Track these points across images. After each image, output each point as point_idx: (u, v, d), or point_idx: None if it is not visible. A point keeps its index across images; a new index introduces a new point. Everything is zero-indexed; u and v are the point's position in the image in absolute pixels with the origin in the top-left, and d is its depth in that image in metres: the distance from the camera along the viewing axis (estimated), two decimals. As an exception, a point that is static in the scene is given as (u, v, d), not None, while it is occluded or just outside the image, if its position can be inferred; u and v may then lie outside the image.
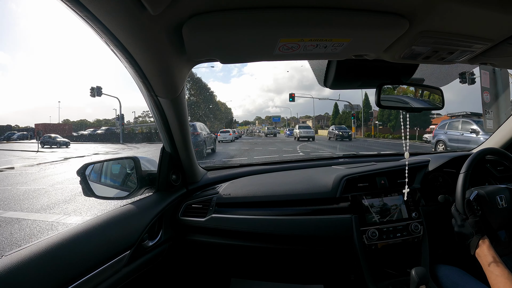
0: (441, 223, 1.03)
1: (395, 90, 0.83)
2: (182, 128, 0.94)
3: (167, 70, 0.68)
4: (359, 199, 1.04)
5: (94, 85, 17.57)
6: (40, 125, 31.99)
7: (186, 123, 0.95)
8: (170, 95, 0.80)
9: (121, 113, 20.06)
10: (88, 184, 0.95)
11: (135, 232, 0.84)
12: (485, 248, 0.76)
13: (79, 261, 0.66)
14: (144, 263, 0.87)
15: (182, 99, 0.85)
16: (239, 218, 1.03)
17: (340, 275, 1.21)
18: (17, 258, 0.57)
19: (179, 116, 0.89)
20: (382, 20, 0.51)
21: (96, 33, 0.50)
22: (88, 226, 0.74)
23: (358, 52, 0.65)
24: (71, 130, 38.86)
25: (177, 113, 0.88)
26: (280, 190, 1.08)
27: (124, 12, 0.45)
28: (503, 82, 7.40)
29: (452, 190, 0.93)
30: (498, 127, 1.37)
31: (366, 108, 29.83)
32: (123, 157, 1.08)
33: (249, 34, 0.53)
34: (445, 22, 0.53)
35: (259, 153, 11.11)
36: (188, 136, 1.00)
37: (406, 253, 1.06)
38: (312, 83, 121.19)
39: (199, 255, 1.20)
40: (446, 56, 0.66)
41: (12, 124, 40.64)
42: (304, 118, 63.59)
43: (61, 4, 0.42)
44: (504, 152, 1.00)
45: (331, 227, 1.02)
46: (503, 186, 0.95)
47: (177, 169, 1.07)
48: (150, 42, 0.55)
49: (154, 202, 0.98)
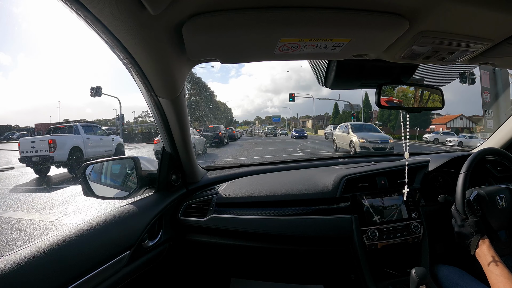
0: (441, 223, 1.03)
1: (395, 90, 0.83)
2: (182, 128, 0.94)
3: (167, 70, 0.68)
4: (359, 199, 1.04)
5: (94, 85, 17.58)
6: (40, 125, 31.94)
7: (186, 123, 0.94)
8: (170, 95, 0.80)
9: (121, 113, 20.01)
10: (88, 184, 0.95)
11: (135, 232, 0.84)
12: (485, 248, 0.76)
13: (79, 261, 0.66)
14: (144, 263, 0.86)
15: (182, 99, 0.85)
16: (239, 218, 1.03)
17: (340, 275, 1.21)
18: (17, 258, 0.57)
19: (179, 116, 0.89)
20: (382, 20, 0.51)
21: (96, 33, 0.50)
22: (88, 226, 0.74)
23: (358, 52, 0.65)
24: (71, 130, 38.75)
25: (177, 113, 0.88)
26: (280, 190, 1.08)
27: (124, 12, 0.45)
28: (503, 82, 7.41)
29: (452, 190, 0.93)
30: (498, 127, 1.37)
31: (366, 108, 29.83)
32: (123, 157, 1.08)
33: (249, 34, 0.53)
34: (445, 22, 0.53)
35: (259, 153, 11.11)
36: (188, 136, 1.00)
37: (406, 253, 1.06)
38: (310, 83, 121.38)
39: (199, 255, 1.20)
40: (446, 56, 0.66)
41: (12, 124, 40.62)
42: (304, 118, 63.54)
43: (61, 4, 0.42)
44: (504, 152, 1.00)
45: (331, 227, 1.02)
46: (503, 186, 0.95)
47: (177, 169, 1.07)
48: (150, 42, 0.55)
49: (154, 202, 0.98)
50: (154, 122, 0.96)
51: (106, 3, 0.43)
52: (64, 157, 6.91)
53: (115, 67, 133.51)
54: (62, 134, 7.78)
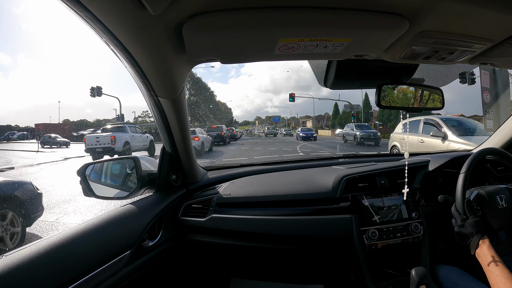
0: (441, 223, 1.03)
1: (395, 90, 0.83)
2: (182, 128, 0.94)
3: (167, 70, 0.68)
4: (359, 199, 1.04)
5: (94, 85, 17.58)
6: (40, 125, 31.95)
7: (186, 123, 0.94)
8: (170, 95, 0.80)
9: (121, 113, 20.00)
10: (88, 184, 0.95)
11: (135, 232, 0.84)
12: (485, 248, 0.76)
13: (79, 261, 0.66)
14: (144, 263, 0.86)
15: (182, 99, 0.85)
16: (239, 218, 1.03)
17: (340, 275, 1.21)
18: (17, 258, 0.57)
19: (179, 116, 0.89)
20: (382, 20, 0.51)
21: (96, 33, 0.50)
22: (88, 226, 0.74)
23: (358, 52, 0.65)
24: (71, 130, 38.81)
25: (177, 113, 0.88)
26: (280, 190, 1.08)
27: (124, 12, 0.45)
28: (503, 82, 7.40)
29: (452, 190, 0.93)
30: (498, 127, 1.37)
31: (366, 108, 29.85)
32: (123, 157, 1.08)
33: (249, 34, 0.53)
34: (445, 22, 0.53)
35: (259, 153, 11.12)
36: (188, 136, 1.00)
37: (406, 253, 1.06)
38: (309, 83, 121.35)
39: (199, 255, 1.20)
40: (446, 56, 0.66)
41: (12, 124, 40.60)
42: (304, 118, 63.55)
43: (61, 4, 0.42)
44: (504, 152, 1.00)
45: (331, 227, 1.02)
46: (503, 186, 0.95)
47: (177, 169, 1.07)
48: (150, 42, 0.55)
49: (154, 202, 0.98)
50: (154, 122, 0.96)
51: (106, 3, 0.43)
52: (120, 149, 9.39)
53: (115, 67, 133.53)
54: (117, 132, 10.00)
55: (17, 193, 2.91)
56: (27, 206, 2.97)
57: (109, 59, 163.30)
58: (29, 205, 2.99)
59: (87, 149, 9.44)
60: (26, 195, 3.00)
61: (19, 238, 2.87)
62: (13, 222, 2.86)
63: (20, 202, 2.91)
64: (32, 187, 3.09)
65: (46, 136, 21.26)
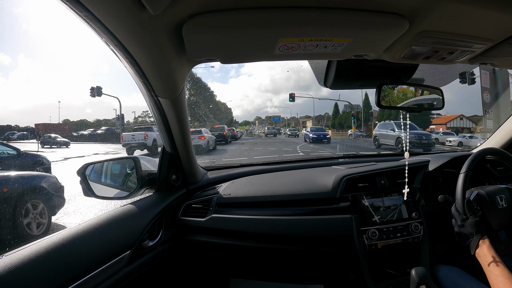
0: (441, 223, 1.03)
1: (395, 90, 0.83)
2: (182, 128, 0.95)
3: (167, 70, 0.68)
4: (359, 199, 1.04)
5: (94, 85, 17.60)
6: (40, 125, 31.92)
7: (186, 123, 0.95)
8: (170, 95, 0.80)
9: (121, 113, 20.05)
10: (88, 184, 0.95)
11: (135, 232, 0.84)
12: (485, 248, 0.76)
13: (79, 261, 0.66)
14: (144, 263, 0.87)
15: (182, 99, 0.85)
16: (239, 218, 1.03)
17: (340, 275, 1.21)
18: (17, 258, 0.57)
19: (179, 116, 0.89)
20: (382, 20, 0.51)
21: (96, 33, 0.50)
22: (88, 226, 0.74)
23: (358, 52, 0.65)
24: (71, 130, 38.79)
25: (177, 113, 0.88)
26: (280, 190, 1.08)
27: (124, 12, 0.45)
28: (503, 82, 7.40)
29: (452, 190, 0.93)
30: (498, 127, 1.37)
31: (366, 108, 29.80)
32: (123, 157, 1.08)
33: (249, 34, 0.53)
34: (445, 22, 0.53)
35: (259, 153, 11.13)
36: (188, 136, 1.00)
37: (406, 253, 1.06)
38: (309, 83, 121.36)
39: (199, 255, 1.20)
40: (446, 56, 0.66)
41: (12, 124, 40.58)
42: (304, 118, 63.50)
43: (61, 4, 0.42)
44: (504, 152, 1.00)
45: (331, 227, 1.02)
46: (503, 186, 0.95)
47: (177, 169, 1.07)
48: (150, 42, 0.55)
49: (154, 202, 0.98)
50: (154, 122, 0.96)
51: (106, 3, 0.43)
52: (150, 144, 11.36)
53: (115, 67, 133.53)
54: (147, 131, 11.79)
55: (44, 185, 3.15)
56: (53, 198, 3.23)
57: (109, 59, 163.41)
58: (55, 197, 3.26)
59: (124, 144, 11.39)
60: (52, 188, 3.25)
61: (45, 228, 3.12)
62: (42, 214, 3.09)
63: (49, 194, 3.18)
64: (56, 180, 3.34)
65: (46, 136, 21.25)
